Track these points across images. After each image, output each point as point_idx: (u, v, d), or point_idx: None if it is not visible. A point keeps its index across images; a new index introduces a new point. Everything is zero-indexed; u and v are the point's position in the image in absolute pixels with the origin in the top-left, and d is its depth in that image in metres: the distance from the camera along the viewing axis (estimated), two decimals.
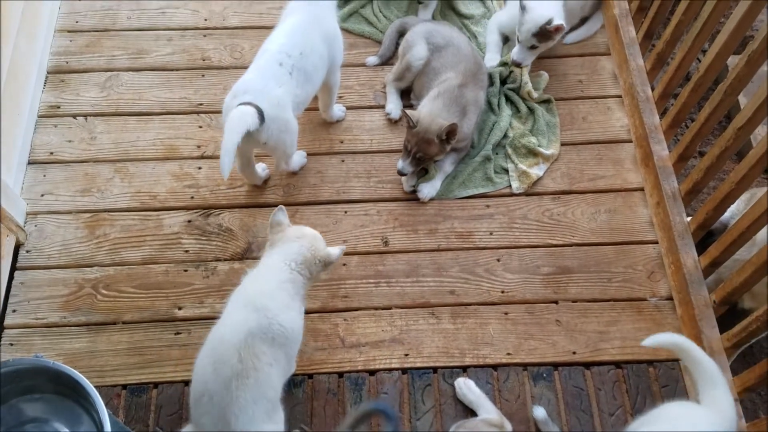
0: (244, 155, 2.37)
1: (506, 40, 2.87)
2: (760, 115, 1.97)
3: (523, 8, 2.57)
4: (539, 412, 2.11)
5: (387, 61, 2.84)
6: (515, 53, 2.65)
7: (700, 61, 2.29)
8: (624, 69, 2.71)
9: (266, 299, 1.82)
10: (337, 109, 2.68)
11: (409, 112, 2.41)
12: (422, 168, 2.52)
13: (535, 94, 2.69)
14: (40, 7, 2.77)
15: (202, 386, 1.76)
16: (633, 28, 2.74)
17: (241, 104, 2.10)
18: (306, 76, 2.29)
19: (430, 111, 2.44)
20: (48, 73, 2.76)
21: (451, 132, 2.35)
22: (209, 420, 1.73)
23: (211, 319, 2.26)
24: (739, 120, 2.02)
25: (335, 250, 1.94)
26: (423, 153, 2.39)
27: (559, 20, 2.53)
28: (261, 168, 2.51)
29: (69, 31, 2.87)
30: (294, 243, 1.92)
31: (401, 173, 2.45)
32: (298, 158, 2.55)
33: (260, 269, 1.93)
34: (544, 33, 2.56)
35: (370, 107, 2.74)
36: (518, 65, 2.67)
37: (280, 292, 1.85)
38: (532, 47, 2.62)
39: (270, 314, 1.79)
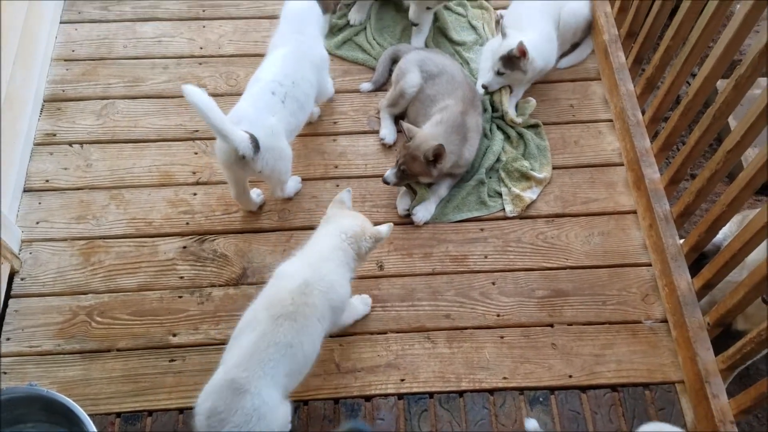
0: (239, 183, 2.39)
1: None
2: (749, 138, 1.99)
3: (503, 34, 2.65)
4: (531, 424, 2.11)
5: (381, 87, 2.87)
6: (485, 80, 2.74)
7: (689, 85, 2.32)
8: (614, 93, 2.74)
9: (319, 260, 1.98)
10: (331, 83, 2.68)
11: (408, 125, 2.46)
12: (413, 190, 2.55)
13: (519, 120, 2.72)
14: (37, 36, 2.80)
15: (250, 316, 1.89)
16: (623, 54, 2.78)
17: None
18: (299, 105, 2.33)
19: (429, 132, 2.48)
20: (44, 101, 2.78)
21: (437, 155, 2.38)
22: (240, 354, 1.81)
23: (205, 345, 2.27)
24: (728, 143, 2.05)
25: (384, 227, 2.08)
26: (407, 168, 2.44)
27: (525, 45, 2.58)
28: (256, 194, 2.52)
29: (65, 60, 2.90)
30: (348, 218, 2.08)
31: (385, 181, 2.50)
32: (293, 184, 2.56)
33: (315, 238, 2.07)
34: (512, 60, 2.62)
35: (365, 132, 2.77)
36: (485, 88, 2.74)
37: (330, 258, 1.99)
38: (499, 73, 2.69)
39: (321, 272, 1.94)
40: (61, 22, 3.00)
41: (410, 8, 2.89)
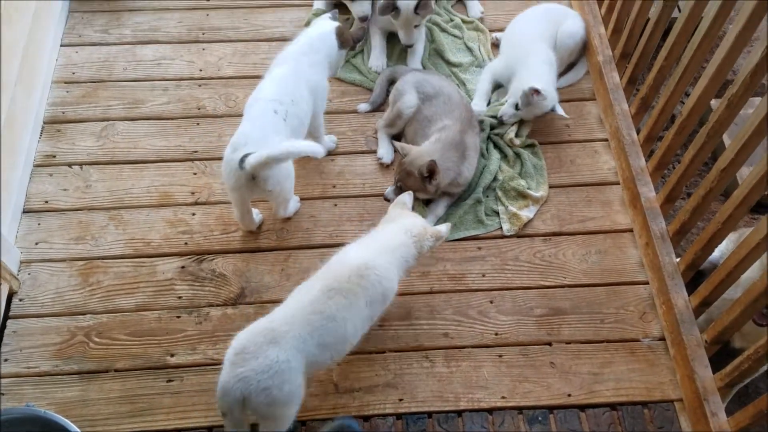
0: (244, 204, 2.41)
1: (497, 86, 2.95)
2: (742, 156, 2.01)
3: (535, 95, 2.67)
4: None
5: (378, 107, 2.90)
6: (507, 116, 2.77)
7: (683, 104, 2.35)
8: (609, 113, 2.77)
9: (383, 249, 2.06)
10: (328, 140, 2.74)
11: (402, 144, 2.51)
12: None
13: (517, 141, 2.75)
14: (39, 59, 2.83)
15: (309, 283, 1.99)
16: (617, 74, 2.81)
17: (245, 156, 2.15)
18: (299, 121, 2.38)
19: (425, 149, 2.51)
20: (44, 123, 2.81)
21: (431, 170, 2.40)
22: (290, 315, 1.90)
23: (203, 365, 2.27)
24: (722, 162, 2.07)
25: (444, 227, 2.17)
26: (403, 184, 2.47)
27: (561, 111, 2.72)
28: (255, 213, 2.54)
29: (66, 82, 2.93)
30: (412, 218, 2.18)
31: (385, 198, 2.55)
32: (293, 204, 2.58)
33: (379, 232, 2.15)
34: (529, 99, 2.68)
35: (362, 152, 2.79)
36: (501, 121, 2.79)
37: (393, 251, 2.08)
38: (517, 108, 2.74)
39: (382, 260, 2.03)
40: (61, 45, 3.04)
41: (399, 34, 2.93)
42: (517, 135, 2.77)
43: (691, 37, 2.28)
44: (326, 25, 2.55)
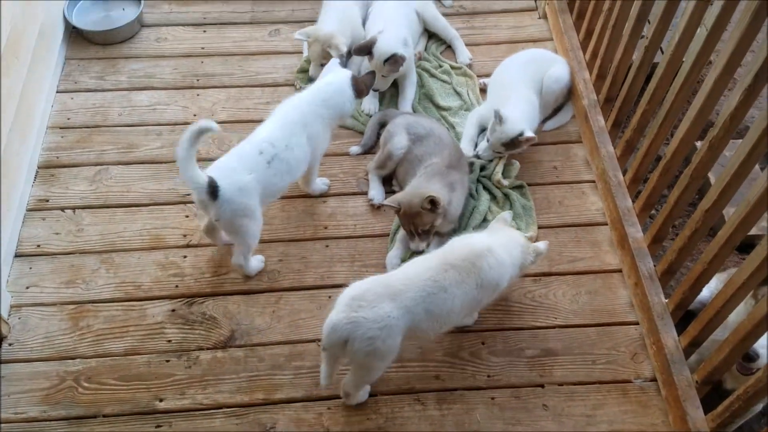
0: (209, 220, 2.42)
1: (483, 129, 3.00)
2: (725, 197, 2.05)
3: (498, 118, 2.69)
4: None
5: (369, 150, 2.95)
6: (482, 151, 2.82)
7: (668, 144, 2.40)
8: (595, 155, 2.82)
9: (505, 244, 2.18)
10: (320, 182, 2.77)
11: (387, 201, 2.50)
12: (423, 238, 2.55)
13: (505, 182, 2.79)
14: (34, 106, 2.87)
15: (429, 255, 2.14)
16: (602, 118, 2.87)
17: (210, 177, 2.20)
18: (288, 167, 2.39)
19: (413, 187, 2.53)
20: (38, 167, 2.83)
21: (433, 202, 2.41)
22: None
23: (192, 410, 2.25)
24: (705, 203, 2.10)
25: (542, 245, 2.27)
26: (422, 226, 2.46)
27: (529, 133, 2.70)
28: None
29: (61, 128, 2.97)
30: (516, 232, 2.30)
31: (416, 251, 2.50)
32: (255, 263, 2.55)
33: (494, 233, 2.25)
34: (514, 143, 2.71)
35: (354, 194, 2.82)
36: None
37: (511, 250, 2.18)
38: (498, 152, 2.79)
39: (503, 252, 2.14)
40: (57, 92, 3.09)
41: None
42: (505, 176, 2.81)
43: (671, 82, 2.34)
44: (341, 75, 2.56)
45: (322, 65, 2.74)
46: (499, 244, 2.16)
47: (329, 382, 2.08)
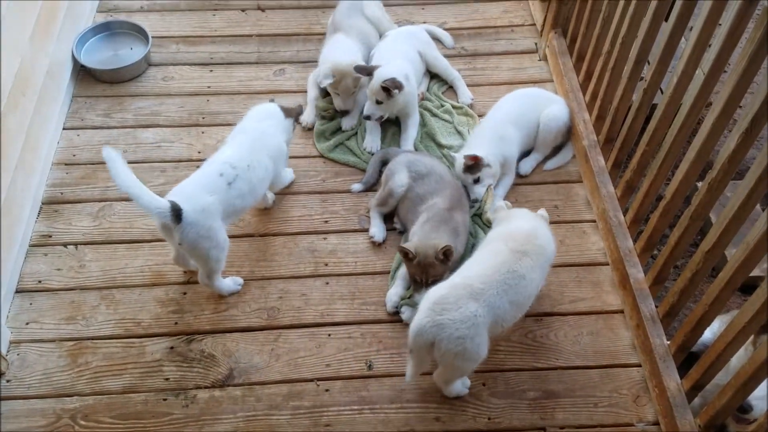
0: (175, 246, 2.46)
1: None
2: (725, 239, 2.05)
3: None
4: None
5: (371, 187, 2.96)
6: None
7: (669, 184, 2.40)
8: (596, 195, 2.83)
9: (542, 226, 2.36)
10: (287, 174, 2.88)
11: (405, 246, 2.45)
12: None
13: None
14: (40, 142, 2.91)
15: (490, 245, 2.29)
16: (602, 158, 2.89)
17: (171, 201, 2.23)
18: (250, 187, 2.45)
19: (421, 237, 2.52)
20: (42, 203, 2.86)
21: (447, 252, 2.41)
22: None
23: None
24: (705, 244, 2.10)
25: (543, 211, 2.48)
26: (433, 276, 2.44)
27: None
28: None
29: (66, 164, 3.00)
30: (531, 212, 2.47)
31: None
32: (230, 283, 2.58)
33: (518, 218, 2.39)
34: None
35: (355, 231, 2.83)
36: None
37: (544, 227, 2.38)
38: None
39: (545, 234, 2.33)
40: (64, 128, 3.12)
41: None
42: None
43: (671, 123, 2.36)
44: (266, 104, 2.75)
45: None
46: (538, 222, 2.35)
47: (413, 379, 2.19)
